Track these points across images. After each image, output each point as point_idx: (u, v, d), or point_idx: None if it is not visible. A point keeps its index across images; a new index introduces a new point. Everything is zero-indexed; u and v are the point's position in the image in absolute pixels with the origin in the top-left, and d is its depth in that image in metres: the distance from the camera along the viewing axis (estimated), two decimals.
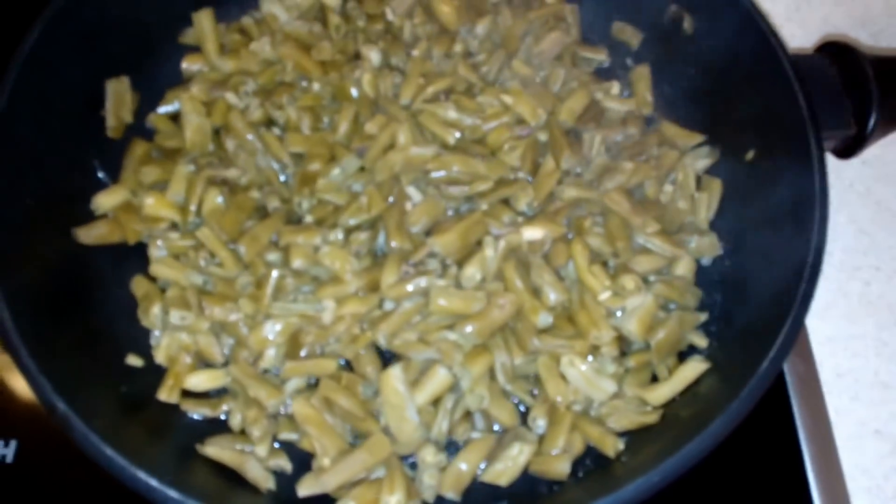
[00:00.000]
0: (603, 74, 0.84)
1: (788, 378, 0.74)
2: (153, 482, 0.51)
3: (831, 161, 0.81)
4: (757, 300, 0.67)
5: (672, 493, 0.67)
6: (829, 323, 0.77)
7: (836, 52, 0.73)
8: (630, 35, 0.85)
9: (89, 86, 0.74)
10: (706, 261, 0.74)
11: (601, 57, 0.85)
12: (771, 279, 0.66)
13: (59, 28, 0.70)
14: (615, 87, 0.82)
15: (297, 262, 0.68)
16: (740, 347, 0.64)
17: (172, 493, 0.51)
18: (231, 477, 0.61)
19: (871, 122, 0.70)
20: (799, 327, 0.58)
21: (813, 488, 0.69)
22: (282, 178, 0.75)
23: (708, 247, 0.73)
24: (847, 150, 0.73)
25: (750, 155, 0.73)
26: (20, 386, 0.72)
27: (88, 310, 0.67)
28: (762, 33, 0.71)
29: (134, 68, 0.77)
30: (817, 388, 0.74)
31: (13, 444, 0.69)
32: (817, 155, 0.65)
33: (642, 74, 0.83)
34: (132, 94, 0.77)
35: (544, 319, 0.67)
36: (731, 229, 0.73)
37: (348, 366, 0.68)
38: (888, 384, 0.74)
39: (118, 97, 0.76)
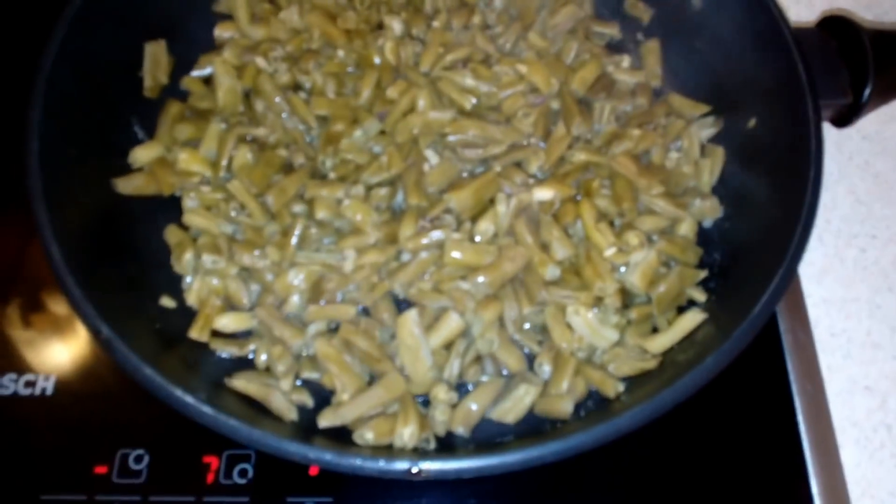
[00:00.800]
0: (614, 48, 0.88)
1: (784, 337, 0.77)
2: (189, 399, 0.56)
3: (833, 135, 0.85)
4: (754, 258, 0.70)
5: (672, 443, 0.72)
6: (825, 286, 0.81)
7: (836, 25, 0.76)
8: (641, 11, 0.89)
9: (129, 48, 0.79)
10: (708, 223, 0.77)
11: (613, 31, 0.89)
12: (768, 239, 0.69)
13: None
14: (626, 61, 0.86)
15: (321, 214, 0.73)
16: (736, 299, 0.67)
17: (207, 409, 0.56)
18: (257, 408, 0.66)
19: (867, 92, 0.73)
20: (791, 276, 0.61)
21: (804, 440, 0.72)
22: (307, 138, 0.79)
23: (709, 209, 0.76)
24: (843, 119, 0.77)
25: (752, 123, 0.77)
26: (58, 328, 0.77)
27: (126, 254, 0.72)
28: (767, 8, 0.75)
29: (170, 34, 0.82)
30: (811, 347, 0.77)
31: (52, 378, 0.74)
32: (814, 119, 0.68)
33: (652, 48, 0.87)
34: (168, 57, 0.82)
35: (552, 272, 0.71)
36: (731, 193, 0.77)
37: (366, 312, 0.72)
38: (879, 344, 0.78)
39: (155, 59, 0.81)
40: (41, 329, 0.78)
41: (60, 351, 0.76)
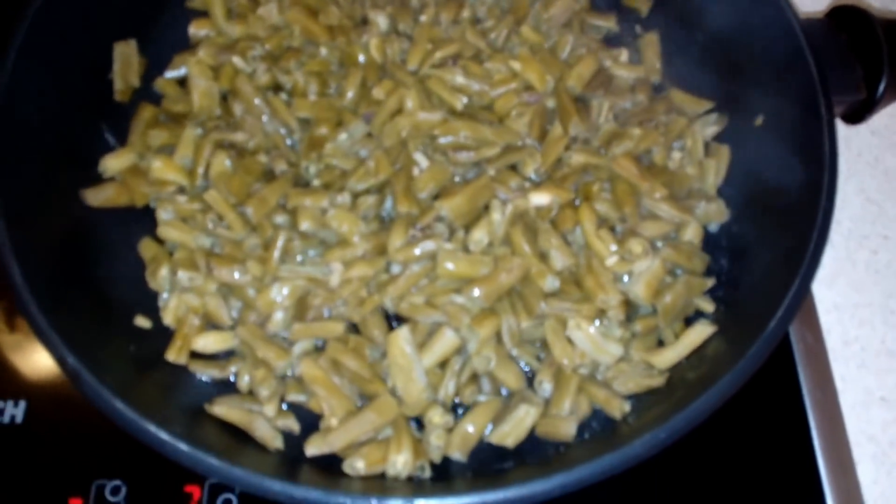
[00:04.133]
0: (612, 42, 0.84)
1: (795, 346, 0.74)
2: (164, 435, 0.52)
3: (841, 130, 0.80)
4: (764, 265, 0.67)
5: (679, 460, 0.68)
6: (836, 291, 0.77)
7: (846, 16, 0.72)
8: (640, 2, 0.84)
9: (97, 49, 0.74)
10: (714, 227, 0.74)
11: (610, 24, 0.84)
12: (779, 244, 0.66)
13: None
14: (624, 55, 0.82)
15: (305, 225, 0.68)
16: (747, 311, 0.64)
17: (183, 447, 0.51)
18: (240, 436, 0.62)
19: (882, 86, 0.69)
20: (807, 288, 0.58)
21: (819, 456, 0.69)
22: (289, 142, 0.75)
23: (715, 212, 0.73)
24: (855, 116, 0.73)
25: (759, 121, 0.73)
26: (28, 348, 0.73)
27: (97, 271, 0.67)
28: None
29: (141, 32, 0.77)
30: (824, 355, 0.74)
31: (22, 404, 0.70)
32: (827, 119, 0.65)
33: (651, 41, 0.83)
34: (139, 58, 0.77)
35: (551, 283, 0.67)
36: (738, 195, 0.73)
37: (355, 329, 0.68)
38: (895, 352, 0.74)
39: (126, 61, 0.76)
40: (8, 350, 0.73)
41: (31, 374, 0.72)
